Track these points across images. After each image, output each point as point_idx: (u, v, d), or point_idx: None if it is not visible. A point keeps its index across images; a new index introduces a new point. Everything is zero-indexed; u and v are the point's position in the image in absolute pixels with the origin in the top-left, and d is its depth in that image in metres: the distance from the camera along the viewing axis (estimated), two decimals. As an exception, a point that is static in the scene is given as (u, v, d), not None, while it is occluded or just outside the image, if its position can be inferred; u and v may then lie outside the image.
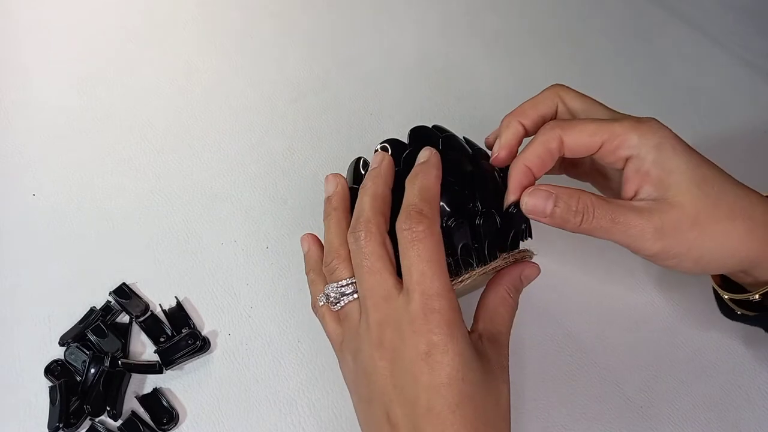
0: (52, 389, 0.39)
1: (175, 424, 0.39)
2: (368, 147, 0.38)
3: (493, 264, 0.35)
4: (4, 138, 0.53)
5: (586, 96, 0.36)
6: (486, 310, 0.34)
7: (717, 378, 0.43)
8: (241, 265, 0.47)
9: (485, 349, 0.31)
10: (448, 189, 0.34)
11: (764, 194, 0.35)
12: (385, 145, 0.37)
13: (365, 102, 0.59)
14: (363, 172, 0.37)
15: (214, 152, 0.54)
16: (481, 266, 0.34)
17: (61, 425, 0.38)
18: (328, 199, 0.36)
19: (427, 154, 0.34)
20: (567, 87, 0.36)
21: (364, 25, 0.66)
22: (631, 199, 0.33)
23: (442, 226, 0.32)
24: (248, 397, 0.41)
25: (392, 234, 0.32)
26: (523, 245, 0.37)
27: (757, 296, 0.35)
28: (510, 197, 0.34)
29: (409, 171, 0.34)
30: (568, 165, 0.40)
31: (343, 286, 0.33)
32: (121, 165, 0.52)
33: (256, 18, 0.65)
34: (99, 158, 0.52)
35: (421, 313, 0.29)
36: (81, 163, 0.52)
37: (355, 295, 0.33)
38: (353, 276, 0.33)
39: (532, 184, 0.34)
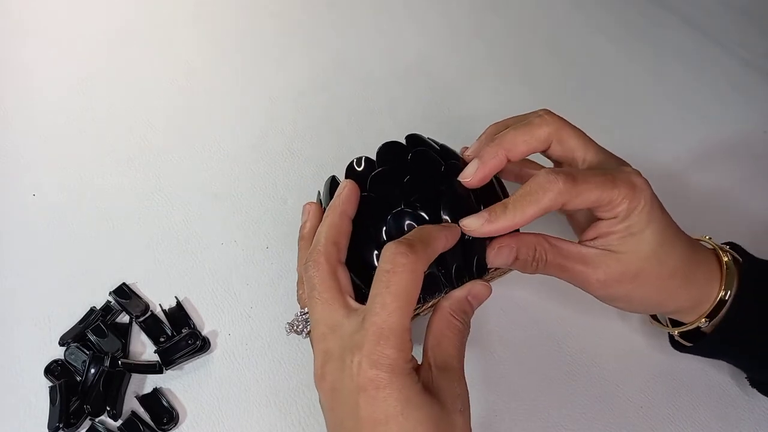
0: (52, 389, 0.39)
1: (175, 424, 0.39)
2: (367, 147, 0.38)
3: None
4: (4, 138, 0.53)
5: (581, 133, 0.36)
6: (433, 337, 0.32)
7: (717, 378, 0.43)
8: (241, 265, 0.47)
9: (435, 380, 0.30)
10: (412, 213, 0.33)
11: (720, 244, 0.38)
12: (360, 158, 0.36)
13: (365, 102, 0.59)
14: None
15: (214, 152, 0.54)
16: (448, 290, 0.33)
17: (61, 425, 0.38)
18: (300, 228, 0.37)
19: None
20: (566, 124, 0.36)
21: (364, 25, 0.66)
22: (589, 240, 0.35)
23: None
24: (248, 397, 0.41)
25: (356, 260, 0.33)
26: None
27: (676, 332, 0.39)
28: (490, 254, 0.34)
29: (376, 193, 0.34)
30: None
31: (305, 313, 0.34)
32: (121, 165, 0.52)
33: (256, 18, 0.65)
34: (99, 158, 0.52)
35: (368, 344, 0.28)
36: (81, 163, 0.52)
37: None
38: None
39: None
